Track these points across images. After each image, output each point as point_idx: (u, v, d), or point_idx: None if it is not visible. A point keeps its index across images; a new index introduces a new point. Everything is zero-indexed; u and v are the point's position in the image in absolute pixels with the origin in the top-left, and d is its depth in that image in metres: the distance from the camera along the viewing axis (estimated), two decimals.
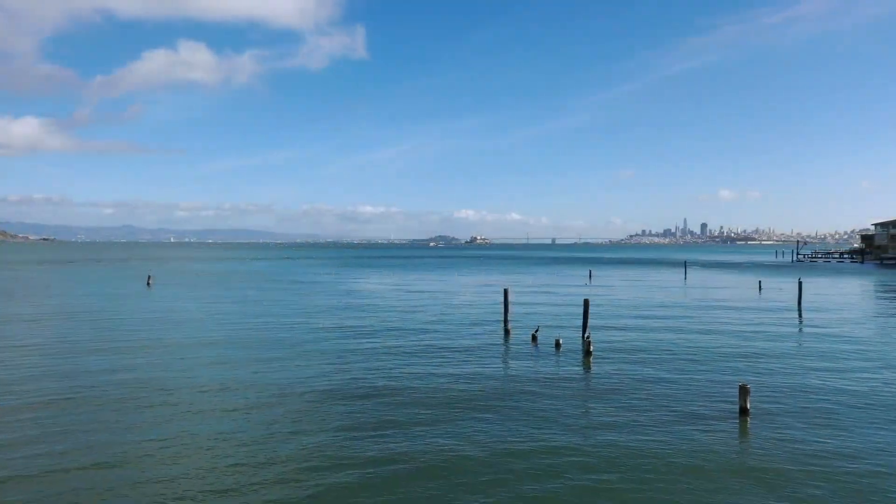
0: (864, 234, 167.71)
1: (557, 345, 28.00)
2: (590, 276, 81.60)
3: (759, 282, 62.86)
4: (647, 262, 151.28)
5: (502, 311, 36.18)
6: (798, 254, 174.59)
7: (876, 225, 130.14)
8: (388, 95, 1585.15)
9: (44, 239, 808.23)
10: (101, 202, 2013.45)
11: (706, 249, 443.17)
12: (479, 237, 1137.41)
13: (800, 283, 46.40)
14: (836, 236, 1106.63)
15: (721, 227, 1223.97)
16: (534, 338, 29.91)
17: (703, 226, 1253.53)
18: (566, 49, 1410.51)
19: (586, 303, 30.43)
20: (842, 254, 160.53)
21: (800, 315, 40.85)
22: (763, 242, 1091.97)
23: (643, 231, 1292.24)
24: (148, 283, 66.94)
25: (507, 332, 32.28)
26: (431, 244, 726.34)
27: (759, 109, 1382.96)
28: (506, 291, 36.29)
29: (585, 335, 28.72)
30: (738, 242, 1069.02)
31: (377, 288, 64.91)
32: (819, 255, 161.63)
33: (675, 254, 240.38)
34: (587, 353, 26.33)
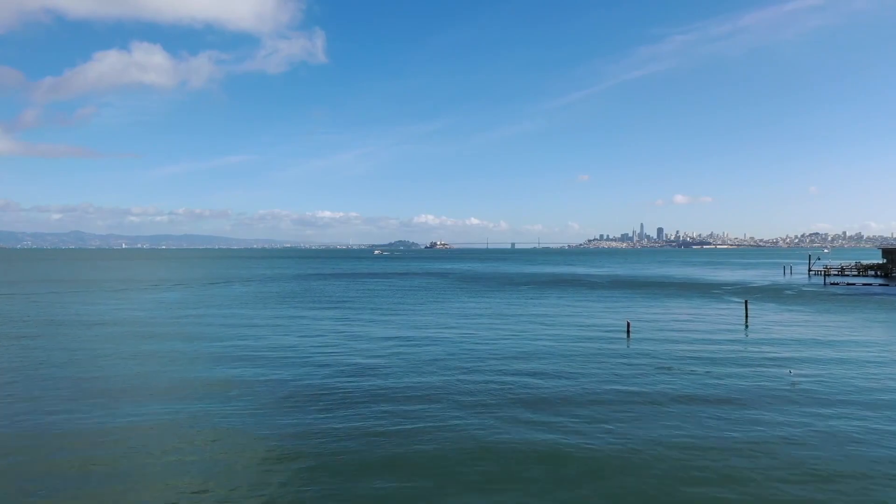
0: (886, 247, 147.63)
1: None
2: (628, 331, 54.68)
3: None
4: (668, 284, 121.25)
5: None
6: (811, 270, 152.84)
7: None
8: (347, 100, 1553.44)
9: None
10: (49, 207, 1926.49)
11: (669, 254, 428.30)
12: (439, 242, 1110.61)
13: None
14: (787, 240, 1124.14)
15: (677, 232, 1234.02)
16: None
17: (660, 230, 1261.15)
18: (524, 55, 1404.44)
19: None
20: (861, 271, 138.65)
21: None
22: (717, 246, 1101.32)
23: (601, 235, 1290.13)
24: None
25: None
26: (376, 252, 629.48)
27: (709, 116, 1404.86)
28: None
29: None
30: (695, 246, 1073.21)
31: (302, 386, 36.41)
32: (834, 272, 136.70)
33: (647, 262, 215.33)
34: None
